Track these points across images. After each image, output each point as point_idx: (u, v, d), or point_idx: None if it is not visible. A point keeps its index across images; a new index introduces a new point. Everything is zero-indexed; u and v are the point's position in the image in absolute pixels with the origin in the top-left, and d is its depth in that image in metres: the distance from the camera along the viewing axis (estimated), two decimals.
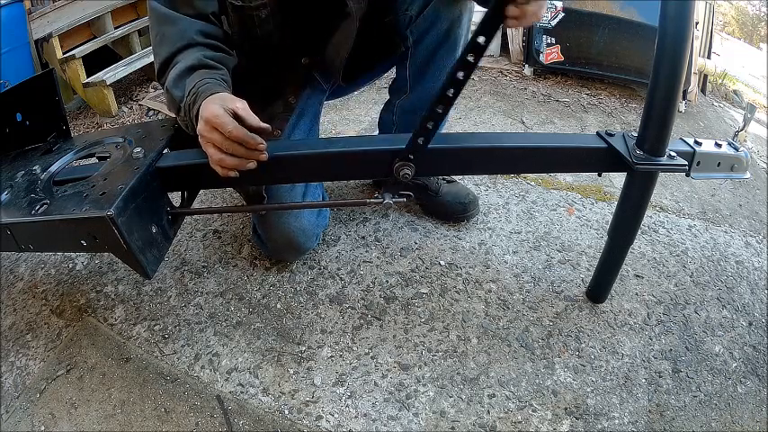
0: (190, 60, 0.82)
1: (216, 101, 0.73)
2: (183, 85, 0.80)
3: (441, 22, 1.00)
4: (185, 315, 1.05)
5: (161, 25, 0.85)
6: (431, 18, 1.00)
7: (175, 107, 0.83)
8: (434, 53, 1.05)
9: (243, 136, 0.72)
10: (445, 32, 1.02)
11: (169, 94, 0.83)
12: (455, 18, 1.01)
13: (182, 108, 0.80)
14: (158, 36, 0.86)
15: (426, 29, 1.02)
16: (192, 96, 0.77)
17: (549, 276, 1.13)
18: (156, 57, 0.87)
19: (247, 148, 0.74)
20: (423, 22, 1.01)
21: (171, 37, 0.84)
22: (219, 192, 1.41)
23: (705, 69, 2.18)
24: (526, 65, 2.31)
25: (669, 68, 0.74)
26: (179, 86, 0.80)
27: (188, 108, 0.78)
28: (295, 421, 0.87)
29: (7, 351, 1.01)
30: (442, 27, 1.01)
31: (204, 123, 0.72)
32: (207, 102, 0.74)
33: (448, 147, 0.85)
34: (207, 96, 0.75)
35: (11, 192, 0.90)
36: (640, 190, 0.87)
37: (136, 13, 2.46)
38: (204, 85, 0.78)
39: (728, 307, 1.09)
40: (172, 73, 0.82)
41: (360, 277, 1.13)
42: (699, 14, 2.00)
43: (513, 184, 1.44)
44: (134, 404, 0.90)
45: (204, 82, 0.78)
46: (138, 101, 2.22)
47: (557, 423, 0.86)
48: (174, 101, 0.82)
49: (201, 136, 0.75)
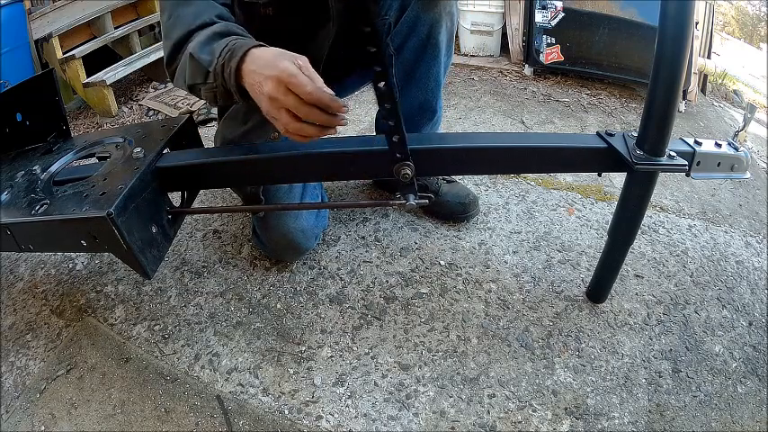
0: (217, 28, 0.75)
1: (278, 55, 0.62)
2: (210, 49, 0.72)
3: (420, 27, 0.99)
4: (185, 315, 1.05)
5: (176, 7, 0.79)
6: (409, 23, 0.99)
7: (202, 73, 0.73)
8: (418, 59, 1.04)
9: (325, 98, 0.61)
10: (426, 37, 1.00)
11: (194, 60, 0.74)
12: (434, 22, 0.99)
13: (211, 72, 0.71)
14: (171, 18, 0.80)
15: (406, 35, 1.01)
16: (226, 54, 0.69)
17: (549, 276, 1.13)
18: (167, 40, 0.80)
19: (327, 113, 0.63)
20: (402, 29, 1.00)
21: (186, 17, 0.78)
22: (219, 192, 1.41)
23: (705, 69, 2.18)
24: (526, 65, 2.31)
25: (669, 68, 0.74)
26: (205, 50, 0.72)
27: (221, 69, 0.70)
28: (295, 421, 0.87)
29: (7, 351, 1.01)
30: (422, 32, 1.00)
31: (275, 83, 0.62)
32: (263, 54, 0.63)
33: (448, 147, 0.85)
34: (249, 49, 0.66)
35: (11, 192, 0.90)
36: (640, 190, 0.87)
37: (136, 13, 2.46)
38: (239, 40, 0.69)
39: (728, 307, 1.09)
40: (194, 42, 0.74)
41: (360, 277, 1.13)
42: (699, 14, 2.00)
43: (513, 184, 1.44)
44: (134, 404, 0.90)
45: (238, 41, 0.70)
46: (138, 101, 2.22)
47: (557, 423, 0.86)
48: (201, 66, 0.73)
49: (272, 99, 0.63)
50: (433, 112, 1.15)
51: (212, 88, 0.74)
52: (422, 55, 1.03)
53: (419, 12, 0.98)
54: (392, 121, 0.70)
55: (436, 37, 1.01)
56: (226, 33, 0.74)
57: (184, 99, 2.12)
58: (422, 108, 1.13)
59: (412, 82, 1.08)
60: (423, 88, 1.09)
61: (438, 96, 1.13)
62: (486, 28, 2.44)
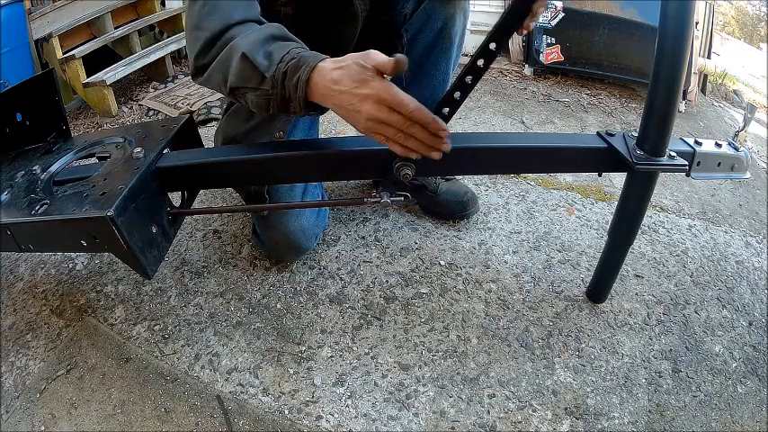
0: (269, 29, 0.70)
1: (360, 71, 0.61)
2: (267, 52, 0.67)
3: (434, 20, 1.00)
4: (185, 315, 1.05)
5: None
6: (425, 16, 1.00)
7: (256, 77, 0.68)
8: (429, 52, 1.05)
9: (427, 117, 0.62)
10: (439, 31, 1.01)
11: (246, 61, 0.67)
12: (449, 17, 1.00)
13: (268, 78, 0.67)
14: (207, 6, 0.73)
15: (420, 27, 1.01)
16: (289, 62, 0.65)
17: (549, 276, 1.13)
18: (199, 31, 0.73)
19: (430, 132, 0.64)
20: (417, 21, 1.01)
21: (225, 8, 0.73)
22: (219, 192, 1.41)
23: (705, 69, 2.19)
24: (526, 65, 2.31)
25: (669, 68, 0.74)
26: (260, 52, 0.67)
27: (282, 77, 0.66)
28: (295, 421, 0.87)
29: (7, 351, 1.01)
30: (435, 26, 1.01)
31: (375, 104, 0.62)
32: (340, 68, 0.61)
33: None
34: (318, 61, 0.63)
35: (11, 192, 0.90)
36: (640, 190, 0.87)
37: (136, 13, 2.46)
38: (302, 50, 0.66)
39: (728, 307, 1.09)
40: (244, 40, 0.69)
41: (360, 277, 1.13)
42: (699, 14, 2.00)
43: (513, 184, 1.44)
44: (134, 404, 0.90)
45: (302, 51, 0.67)
46: (138, 101, 2.22)
47: (557, 423, 0.86)
48: (256, 70, 0.67)
49: (374, 120, 0.63)
50: None
51: (266, 95, 0.69)
52: (433, 48, 1.04)
53: (435, 5, 0.99)
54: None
55: (450, 31, 1.02)
56: (283, 38, 0.70)
57: (184, 99, 2.12)
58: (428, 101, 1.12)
59: (421, 74, 1.08)
60: (431, 82, 1.09)
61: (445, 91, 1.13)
62: (486, 28, 2.44)
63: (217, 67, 0.72)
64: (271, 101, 0.69)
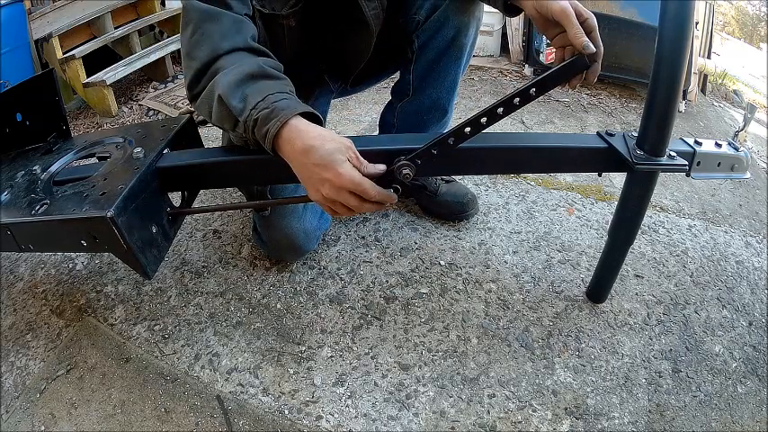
0: (248, 66, 0.71)
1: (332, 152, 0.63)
2: (243, 95, 0.69)
3: (447, 28, 0.99)
4: (185, 315, 1.05)
5: (202, 22, 0.75)
6: (438, 24, 0.99)
7: (230, 121, 0.70)
8: (438, 60, 1.04)
9: (384, 198, 0.66)
10: (451, 40, 1.00)
11: (223, 105, 0.70)
12: (462, 26, 0.99)
13: (240, 123, 0.68)
14: (195, 35, 0.75)
15: (433, 34, 1.01)
16: (262, 111, 0.67)
17: (549, 276, 1.13)
18: (190, 60, 0.75)
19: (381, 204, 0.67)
20: (429, 28, 1.00)
21: (213, 36, 0.74)
22: (219, 192, 1.41)
23: (705, 69, 2.18)
24: (526, 65, 2.31)
25: (669, 68, 0.74)
26: (236, 95, 0.69)
27: (253, 124, 0.67)
28: (295, 421, 0.87)
29: (7, 351, 1.01)
30: (448, 34, 1.00)
31: (335, 189, 0.64)
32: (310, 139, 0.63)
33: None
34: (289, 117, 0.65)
35: (11, 192, 0.90)
36: (640, 190, 0.87)
37: (136, 13, 2.46)
38: (280, 101, 0.67)
39: (728, 307, 1.09)
40: (223, 79, 0.70)
41: (360, 277, 1.13)
42: (699, 14, 2.00)
43: (513, 184, 1.44)
44: (134, 404, 0.90)
45: (279, 97, 0.68)
46: (138, 101, 2.22)
47: (557, 423, 0.86)
48: (231, 113, 0.69)
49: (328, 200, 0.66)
50: (444, 112, 1.14)
51: (242, 137, 0.71)
52: (444, 56, 1.03)
53: (450, 14, 0.98)
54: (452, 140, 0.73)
55: (462, 40, 1.01)
56: (263, 75, 0.71)
57: (184, 99, 2.12)
58: (434, 106, 1.12)
59: (429, 79, 1.08)
60: (439, 87, 1.09)
61: (452, 98, 1.13)
62: (486, 28, 2.44)
63: (203, 101, 0.75)
64: (247, 142, 0.73)
